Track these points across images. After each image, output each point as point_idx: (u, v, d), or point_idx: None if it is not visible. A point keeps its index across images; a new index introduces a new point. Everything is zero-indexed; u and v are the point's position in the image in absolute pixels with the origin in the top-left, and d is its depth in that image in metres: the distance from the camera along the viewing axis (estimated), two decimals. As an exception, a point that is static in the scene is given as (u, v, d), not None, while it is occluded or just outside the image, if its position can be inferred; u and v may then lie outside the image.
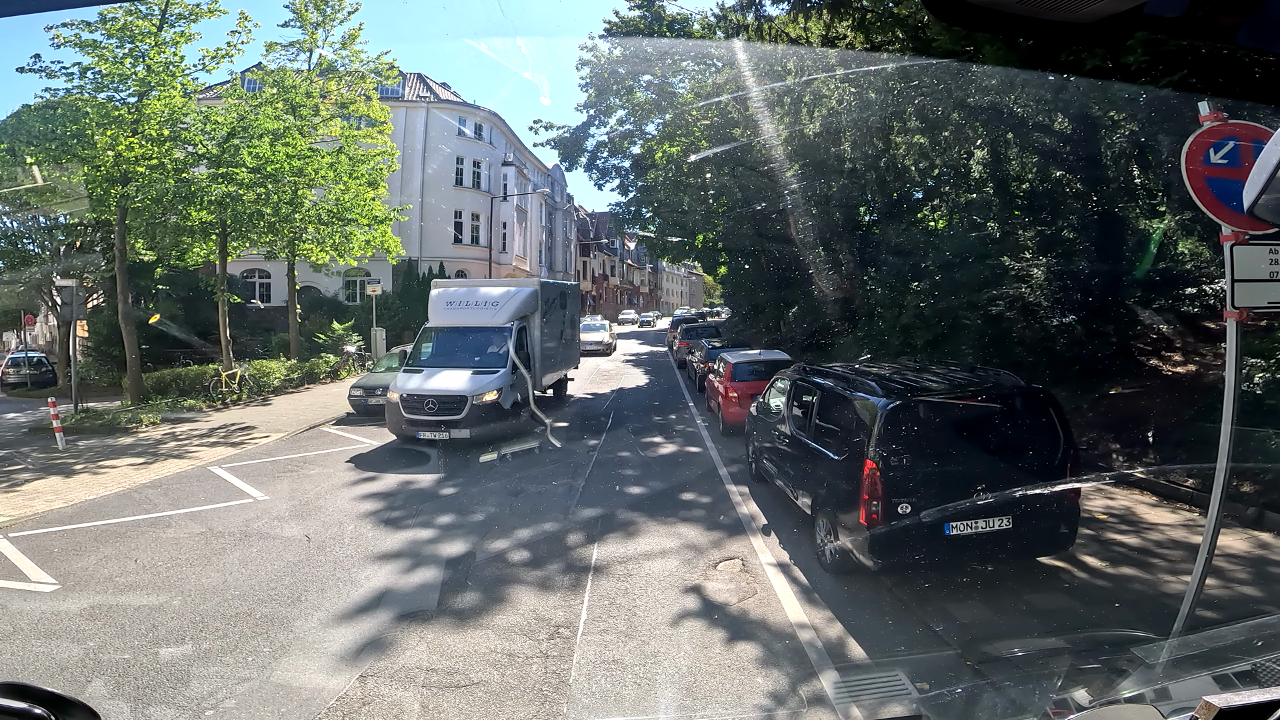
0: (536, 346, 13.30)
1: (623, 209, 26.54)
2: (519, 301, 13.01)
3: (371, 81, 19.67)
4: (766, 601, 5.81)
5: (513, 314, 12.75)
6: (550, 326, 14.21)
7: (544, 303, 13.66)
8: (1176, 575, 6.26)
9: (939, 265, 14.86)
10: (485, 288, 14.09)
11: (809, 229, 19.74)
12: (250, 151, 16.34)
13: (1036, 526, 5.59)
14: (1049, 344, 10.85)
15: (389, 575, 6.40)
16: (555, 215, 51.05)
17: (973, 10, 1.00)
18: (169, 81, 15.46)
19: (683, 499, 8.79)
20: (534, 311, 13.29)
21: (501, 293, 13.30)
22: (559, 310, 15.21)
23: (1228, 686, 2.00)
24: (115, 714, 4.24)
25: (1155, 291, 12.00)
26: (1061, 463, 5.52)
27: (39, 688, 1.26)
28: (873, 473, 5.30)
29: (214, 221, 17.35)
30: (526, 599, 5.83)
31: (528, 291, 13.41)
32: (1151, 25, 0.99)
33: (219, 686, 4.53)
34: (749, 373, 12.21)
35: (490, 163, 36.97)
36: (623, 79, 22.62)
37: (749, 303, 30.96)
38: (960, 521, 5.36)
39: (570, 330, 16.66)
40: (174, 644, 5.14)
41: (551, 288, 15.32)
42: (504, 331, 12.47)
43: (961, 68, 10.36)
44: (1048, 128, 12.29)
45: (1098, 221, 11.57)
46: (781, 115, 14.99)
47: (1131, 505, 8.06)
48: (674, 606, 5.71)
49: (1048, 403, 5.68)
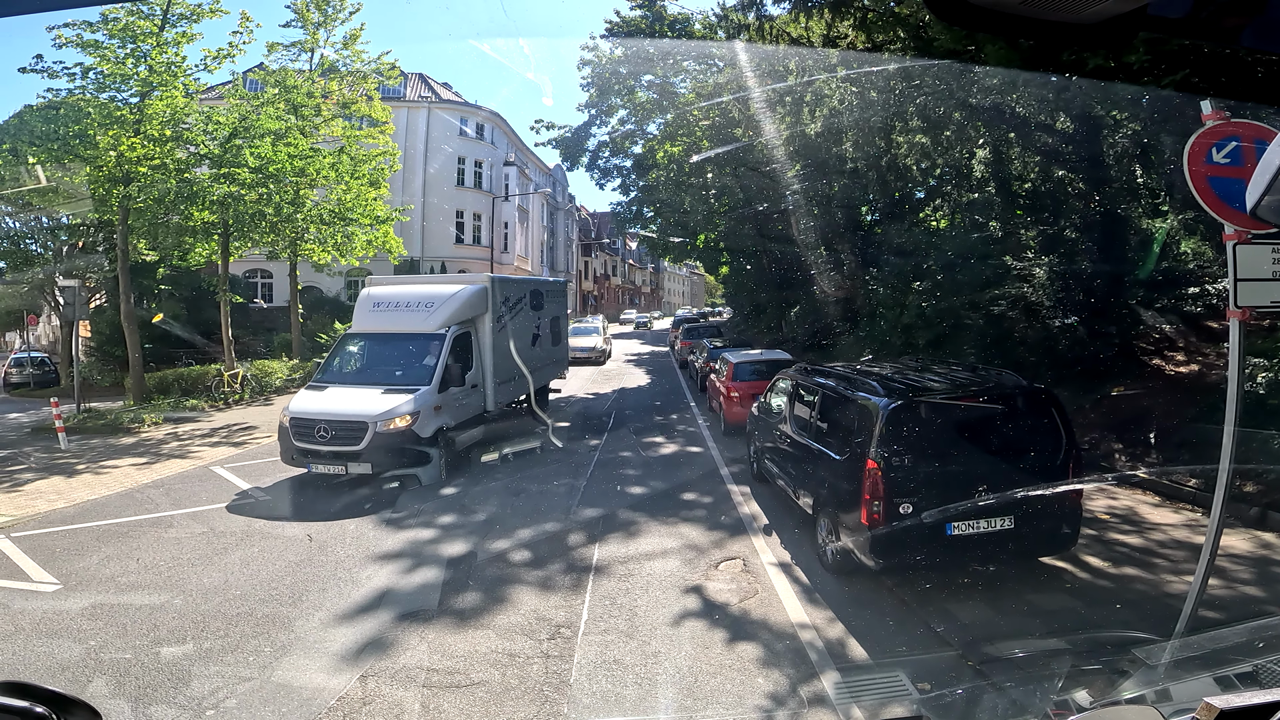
0: (487, 355, 10.94)
1: (624, 208, 26.52)
2: (460, 302, 10.64)
3: (373, 82, 19.68)
4: (768, 601, 5.81)
5: (450, 317, 10.43)
6: (514, 331, 11.78)
7: (501, 303, 11.33)
8: (1179, 575, 6.24)
9: (941, 265, 14.84)
10: (422, 285, 11.68)
11: (810, 229, 19.73)
12: (252, 151, 16.35)
13: (1039, 527, 5.58)
14: (1051, 344, 10.83)
15: (390, 575, 6.40)
16: (557, 215, 51.07)
17: (975, 11, 0.99)
18: (171, 82, 15.46)
19: (684, 499, 8.79)
20: (482, 314, 10.91)
21: (439, 292, 10.94)
22: (528, 312, 12.72)
23: (1229, 688, 2.00)
24: (116, 713, 4.25)
25: (1158, 291, 11.97)
26: (1064, 463, 5.51)
27: (41, 686, 1.27)
28: (874, 473, 5.29)
29: (216, 221, 17.37)
30: (527, 599, 5.83)
31: (472, 290, 10.93)
32: (1155, 26, 0.98)
33: (220, 686, 4.53)
34: (750, 372, 12.20)
35: (492, 163, 36.99)
36: (624, 79, 22.60)
37: (750, 303, 30.94)
38: (962, 522, 5.35)
39: (550, 335, 14.23)
40: (175, 643, 5.15)
41: (514, 285, 12.80)
42: (436, 339, 10.13)
43: (964, 68, 10.34)
44: (1049, 127, 12.27)
45: (1101, 221, 11.55)
46: (783, 115, 14.98)
47: (1134, 505, 8.04)
48: (675, 606, 5.71)
49: (1049, 402, 5.67)
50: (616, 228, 38.14)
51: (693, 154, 21.28)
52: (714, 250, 31.22)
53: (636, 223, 27.82)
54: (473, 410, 10.76)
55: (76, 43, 14.77)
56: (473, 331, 10.81)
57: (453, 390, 10.07)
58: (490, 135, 37.06)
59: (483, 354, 10.96)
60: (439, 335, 10.18)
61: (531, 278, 16.80)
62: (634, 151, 23.84)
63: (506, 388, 11.76)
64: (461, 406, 10.39)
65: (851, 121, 12.99)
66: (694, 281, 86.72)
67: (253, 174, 16.49)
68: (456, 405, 10.23)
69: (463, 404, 10.43)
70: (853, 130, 13.32)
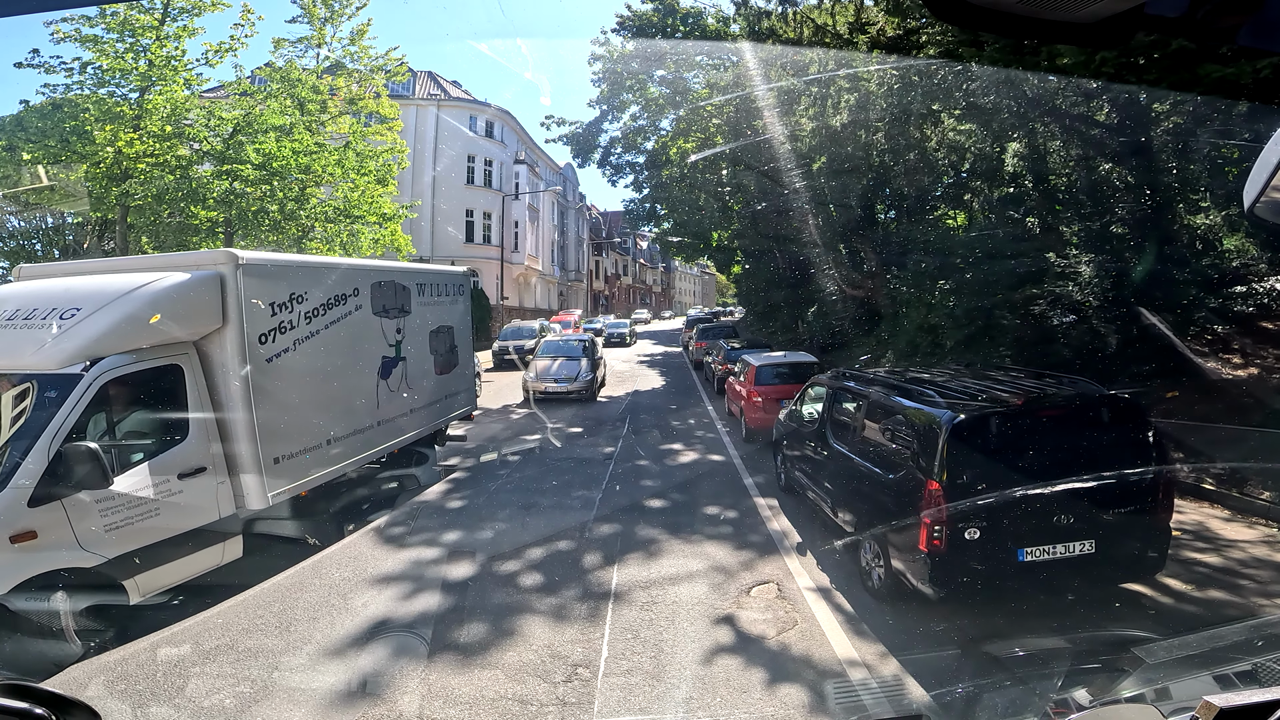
0: (236, 405, 5.86)
1: (637, 205, 25.91)
2: (132, 309, 5.43)
3: (381, 78, 19.20)
4: (809, 634, 5.18)
5: (100, 339, 5.24)
6: (325, 353, 6.99)
7: (274, 305, 6.34)
8: (1270, 599, 5.67)
9: (968, 262, 14.13)
10: (78, 277, 6.13)
11: (830, 225, 19.07)
12: (255, 147, 15.89)
13: (1123, 550, 4.91)
14: (1099, 345, 10.10)
15: (388, 601, 5.80)
16: (567, 214, 50.57)
17: (972, 10, 0.99)
18: (171, 76, 15.05)
19: (707, 513, 8.14)
20: (216, 327, 5.90)
21: (91, 290, 5.61)
22: (365, 319, 7.79)
23: (1228, 686, 2.00)
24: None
25: (1209, 290, 11.21)
26: (1154, 480, 4.83)
27: (40, 687, 1.28)
28: (936, 494, 4.63)
29: (219, 219, 16.89)
30: (540, 631, 5.21)
31: (177, 286, 5.71)
32: (1152, 25, 0.98)
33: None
34: (773, 376, 11.57)
35: (501, 161, 36.52)
36: (636, 74, 22.03)
37: (764, 302, 30.24)
38: (1036, 547, 4.69)
39: (434, 357, 9.49)
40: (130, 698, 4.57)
41: (313, 273, 7.12)
42: (53, 388, 5.12)
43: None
44: (1091, 119, 11.58)
45: (1152, 216, 10.80)
46: (807, 106, 14.31)
47: (1203, 520, 7.37)
48: (705, 641, 5.08)
49: (1136, 412, 4.99)
50: (629, 225, 37.56)
51: (706, 149, 20.65)
52: (727, 249, 30.61)
53: (649, 221, 27.19)
54: (186, 521, 5.57)
55: (75, 37, 14.38)
56: (189, 365, 5.77)
57: (116, 489, 5.04)
58: (500, 133, 36.58)
59: (226, 401, 5.88)
60: (64, 379, 5.10)
61: (382, 263, 9.74)
62: (646, 148, 23.23)
63: (302, 461, 6.55)
64: (133, 525, 5.18)
65: (888, 108, 12.24)
66: (705, 281, 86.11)
67: (256, 170, 16.04)
68: (116, 522, 5.06)
69: (144, 513, 5.26)
70: (886, 119, 12.59)
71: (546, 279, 45.25)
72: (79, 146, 14.50)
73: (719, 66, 20.49)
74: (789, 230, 21.35)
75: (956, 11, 0.98)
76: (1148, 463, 4.82)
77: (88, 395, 5.10)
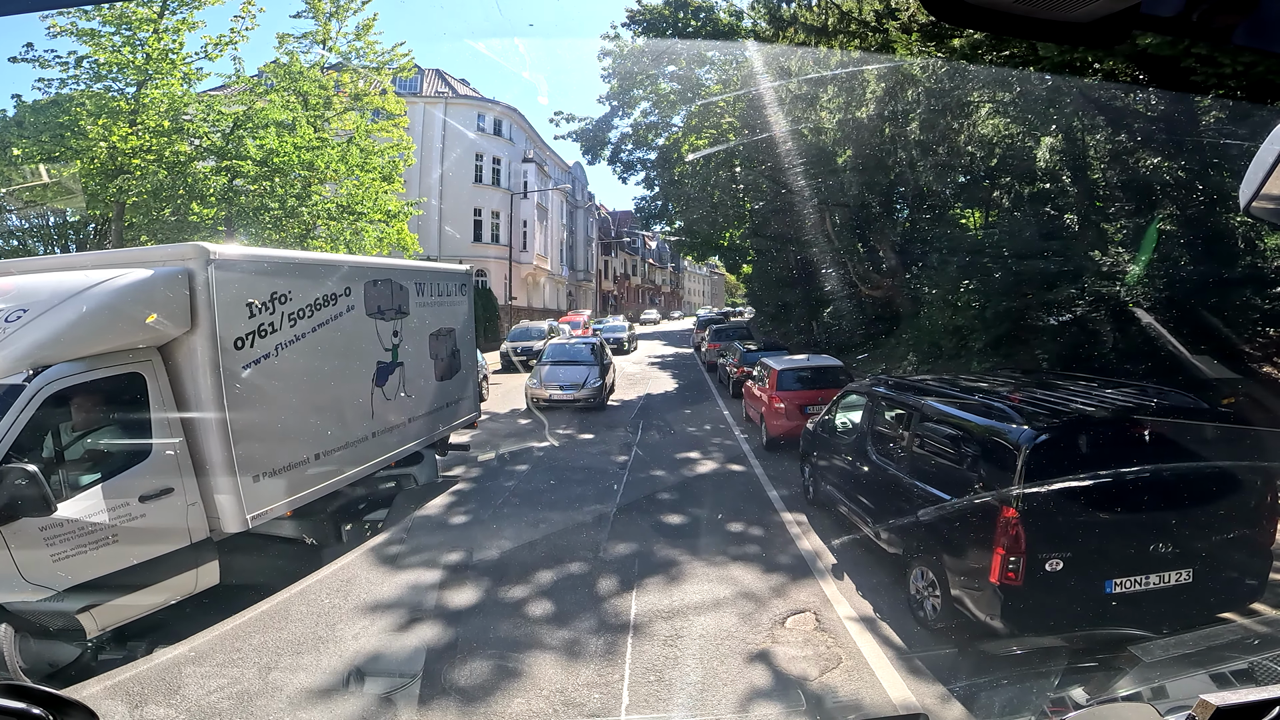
0: (208, 415, 5.27)
1: (648, 203, 25.33)
2: (85, 312, 4.82)
3: (388, 74, 18.70)
4: (856, 673, 4.56)
5: (43, 346, 4.65)
6: (309, 359, 6.32)
7: (253, 307, 5.66)
8: None
9: (996, 260, 13.46)
10: (27, 275, 5.45)
11: (848, 223, 18.43)
12: (256, 143, 15.40)
13: (1222, 578, 4.27)
14: (1148, 349, 9.43)
15: (380, 634, 5.19)
16: (576, 213, 50.06)
17: (970, 9, 0.98)
18: (169, 70, 14.59)
19: (730, 530, 7.50)
20: (184, 331, 5.23)
21: (41, 290, 4.97)
22: (358, 320, 7.12)
23: (1225, 685, 2.01)
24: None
25: (1261, 291, 10.52)
26: (1259, 502, 4.19)
27: (37, 688, 1.27)
28: (1013, 522, 3.99)
29: (219, 216, 16.40)
30: (550, 672, 4.59)
31: (135, 285, 5.03)
32: (1147, 25, 0.97)
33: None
34: (796, 380, 10.92)
35: (510, 159, 36.02)
36: (647, 69, 21.50)
37: (776, 302, 29.52)
38: (1127, 577, 4.05)
39: (434, 362, 8.85)
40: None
41: (295, 270, 6.41)
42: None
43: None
44: (1138, 112, 10.91)
45: (1204, 213, 10.11)
46: (831, 98, 13.64)
47: (1279, 543, 6.69)
48: (740, 683, 4.46)
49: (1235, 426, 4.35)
50: (641, 223, 36.95)
51: (719, 145, 20.06)
52: (738, 248, 29.98)
53: (661, 218, 26.61)
54: (151, 547, 4.96)
55: (71, 31, 13.96)
56: (152, 373, 5.14)
57: (63, 514, 4.44)
58: (508, 131, 36.10)
59: (196, 414, 5.26)
60: (2, 390, 4.48)
61: (377, 260, 9.73)
62: (658, 144, 22.67)
63: (286, 479, 5.92)
64: (86, 554, 4.55)
65: (924, 96, 11.52)
66: (714, 281, 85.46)
67: (256, 166, 15.55)
68: (65, 551, 4.46)
69: (98, 541, 4.63)
70: (920, 109, 11.87)
71: (555, 279, 44.71)
72: (73, 142, 14.05)
73: (732, 62, 19.92)
74: (804, 228, 20.71)
75: (954, 10, 0.98)
76: (1250, 480, 4.18)
77: (30, 409, 4.43)
